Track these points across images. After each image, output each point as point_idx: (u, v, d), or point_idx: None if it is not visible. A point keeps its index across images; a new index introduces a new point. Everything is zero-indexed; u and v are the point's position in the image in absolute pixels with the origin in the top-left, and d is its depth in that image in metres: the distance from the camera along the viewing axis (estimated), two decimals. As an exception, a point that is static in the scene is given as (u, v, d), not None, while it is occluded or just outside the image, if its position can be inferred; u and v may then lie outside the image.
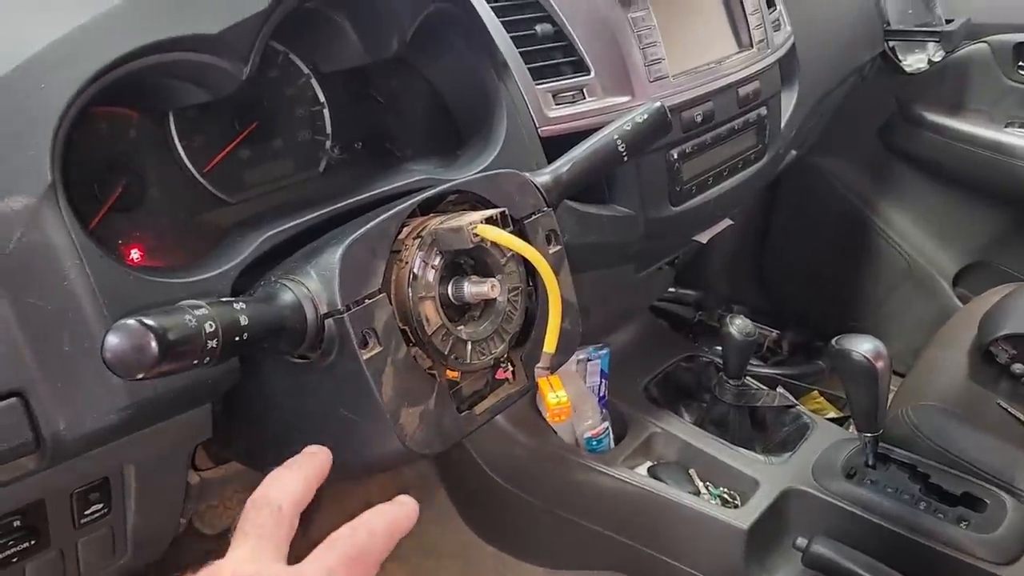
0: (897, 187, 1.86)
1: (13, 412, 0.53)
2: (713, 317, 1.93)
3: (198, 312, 0.49)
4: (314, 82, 0.82)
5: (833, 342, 1.06)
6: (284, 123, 0.81)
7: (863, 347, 1.03)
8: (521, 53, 0.89)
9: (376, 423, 0.60)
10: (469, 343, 0.64)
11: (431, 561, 1.40)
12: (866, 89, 1.70)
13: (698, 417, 1.34)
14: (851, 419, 1.45)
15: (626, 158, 0.77)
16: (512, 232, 0.64)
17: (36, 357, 0.54)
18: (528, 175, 0.73)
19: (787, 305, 2.01)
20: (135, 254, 0.70)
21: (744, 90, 1.10)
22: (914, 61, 1.70)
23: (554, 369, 0.67)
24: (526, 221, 0.71)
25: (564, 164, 0.76)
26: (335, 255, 0.58)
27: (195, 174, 0.73)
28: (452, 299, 0.64)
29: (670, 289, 1.90)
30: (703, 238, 1.23)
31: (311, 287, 0.58)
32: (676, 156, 1.02)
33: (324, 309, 0.57)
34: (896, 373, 1.16)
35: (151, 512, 0.72)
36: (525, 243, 0.63)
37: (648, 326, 1.53)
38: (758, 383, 1.35)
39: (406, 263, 0.62)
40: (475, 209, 0.68)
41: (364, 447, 0.62)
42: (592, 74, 0.94)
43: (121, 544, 0.72)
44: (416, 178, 0.76)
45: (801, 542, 1.06)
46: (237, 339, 0.51)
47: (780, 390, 1.36)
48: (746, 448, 1.25)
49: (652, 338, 1.50)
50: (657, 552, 1.18)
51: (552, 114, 0.89)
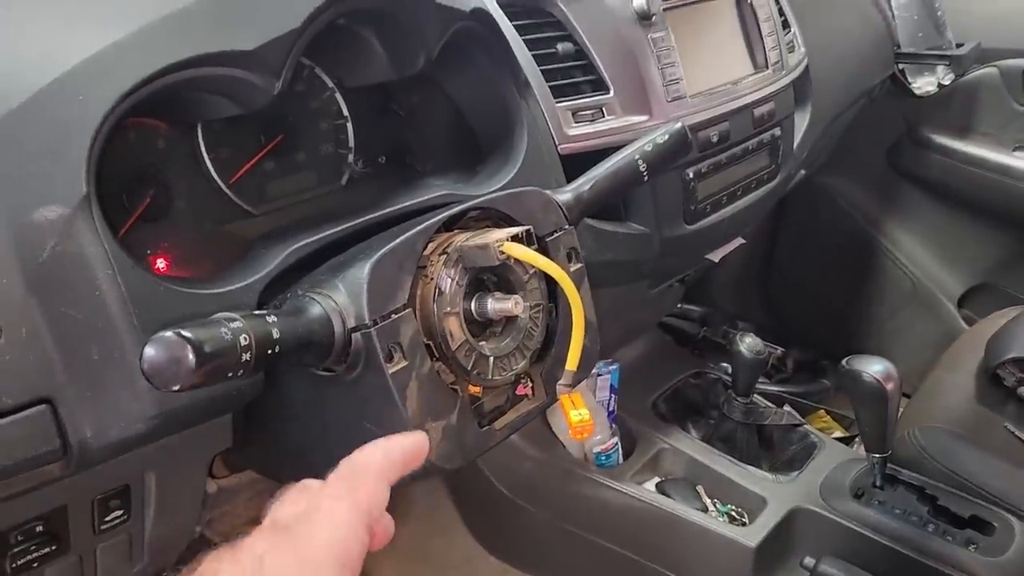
0: (904, 208, 1.87)
1: (42, 419, 0.54)
2: (718, 333, 1.93)
3: (233, 325, 0.49)
4: (338, 96, 0.83)
5: (844, 363, 1.07)
6: (308, 136, 0.82)
7: (873, 368, 1.04)
8: (542, 71, 0.90)
9: (399, 437, 0.61)
10: (491, 359, 0.65)
11: (434, 571, 1.40)
12: (875, 110, 1.71)
13: (706, 434, 1.35)
14: (858, 438, 1.45)
15: (647, 178, 0.78)
16: (535, 250, 0.65)
17: (66, 365, 0.54)
18: (550, 193, 0.74)
19: (792, 323, 2.01)
20: (161, 264, 0.70)
21: (759, 111, 1.11)
22: (924, 84, 1.71)
23: (575, 385, 0.68)
24: (548, 239, 0.71)
25: (586, 183, 0.76)
26: (363, 270, 0.59)
27: (221, 185, 0.74)
28: (475, 315, 0.65)
29: (676, 305, 1.90)
30: (715, 256, 1.24)
31: (339, 301, 0.58)
32: (692, 175, 1.03)
33: (352, 323, 0.58)
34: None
35: (169, 519, 0.72)
36: (551, 262, 0.63)
37: (656, 342, 1.54)
38: (765, 401, 1.35)
39: (432, 279, 0.62)
40: (498, 226, 0.69)
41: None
42: (611, 93, 0.95)
43: (138, 550, 0.72)
44: (438, 193, 0.77)
45: (809, 562, 1.07)
46: (269, 352, 0.52)
47: (787, 408, 1.37)
48: (754, 466, 1.25)
49: (660, 354, 1.51)
50: (664, 568, 1.19)
51: (571, 132, 0.90)
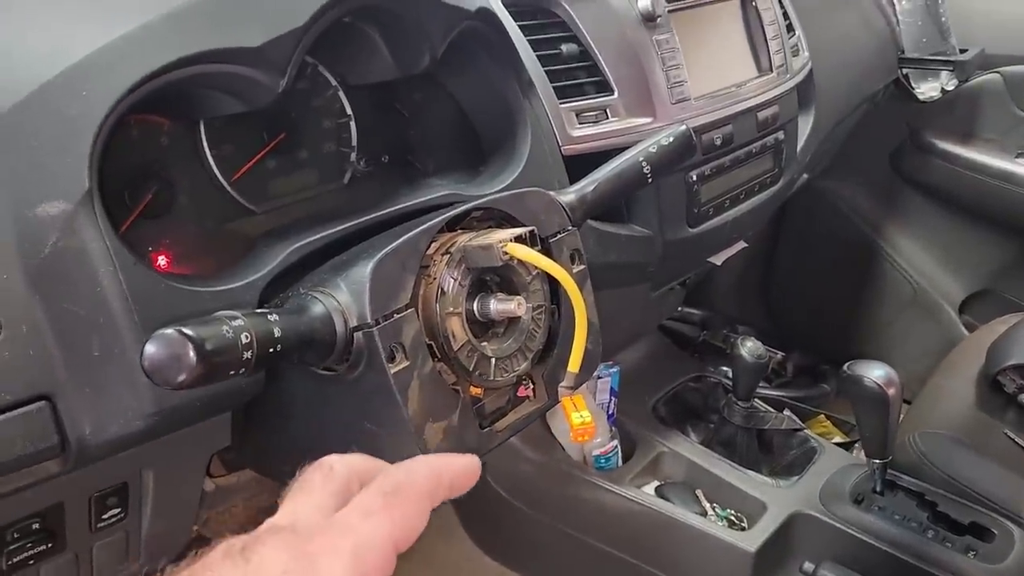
0: (905, 213, 1.87)
1: (40, 416, 0.54)
2: (719, 337, 1.93)
3: (235, 323, 0.49)
4: (342, 94, 0.82)
5: (844, 367, 1.07)
6: (311, 134, 0.81)
7: (875, 373, 1.04)
8: (546, 72, 0.90)
9: (400, 437, 0.60)
10: (493, 360, 0.65)
11: (432, 573, 1.39)
12: (878, 115, 1.71)
13: (706, 437, 1.34)
14: (858, 444, 1.45)
15: (650, 180, 0.78)
16: (539, 251, 0.64)
17: (66, 362, 0.54)
18: (554, 194, 0.74)
19: (792, 327, 2.01)
20: (162, 260, 0.70)
21: (763, 114, 1.11)
22: (927, 89, 1.71)
23: (577, 388, 0.67)
24: (551, 240, 0.71)
25: (589, 184, 0.76)
26: (366, 269, 0.58)
27: (223, 183, 0.74)
28: (478, 316, 0.64)
29: (677, 308, 1.90)
30: (718, 260, 1.23)
31: (341, 300, 0.58)
32: (695, 178, 1.02)
33: (354, 322, 0.58)
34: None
35: (167, 518, 0.72)
36: (555, 263, 0.63)
37: (656, 345, 1.54)
38: (766, 405, 1.35)
39: (434, 279, 0.62)
40: (500, 226, 0.69)
41: (386, 461, 0.62)
42: (615, 94, 0.95)
43: (135, 549, 0.72)
44: (440, 193, 0.76)
45: (808, 567, 1.07)
46: (271, 350, 0.51)
47: (787, 413, 1.36)
48: (753, 470, 1.25)
49: (660, 357, 1.51)
50: (662, 572, 1.18)
51: (575, 133, 0.90)
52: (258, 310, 0.55)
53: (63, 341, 0.54)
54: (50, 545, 0.64)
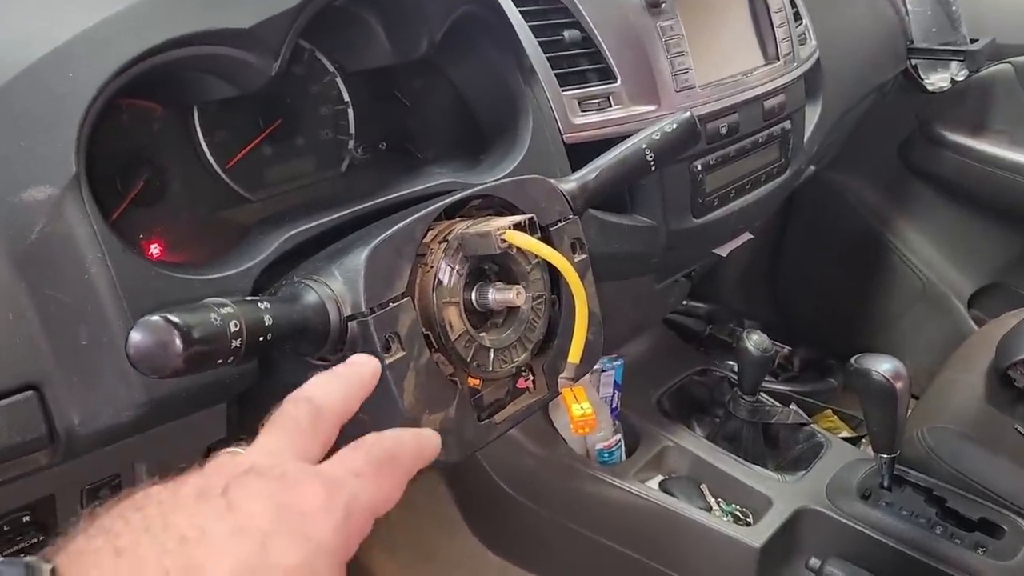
0: (914, 206, 1.85)
1: (28, 405, 0.52)
2: (724, 331, 1.91)
3: (223, 310, 0.48)
4: (339, 81, 0.81)
5: (852, 361, 1.05)
6: (307, 121, 0.80)
7: (883, 367, 1.02)
8: (548, 59, 0.88)
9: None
10: (492, 351, 0.63)
11: (435, 568, 1.39)
12: (887, 106, 1.69)
13: (711, 432, 1.33)
14: (865, 439, 1.43)
15: (654, 168, 0.76)
16: (539, 239, 0.63)
17: (53, 350, 0.53)
18: (554, 182, 0.72)
19: (799, 321, 1.99)
20: (155, 249, 0.69)
21: (769, 103, 1.09)
22: (937, 80, 1.69)
23: (577, 379, 0.66)
24: (552, 228, 0.70)
25: (591, 172, 0.75)
26: (360, 257, 0.57)
27: (217, 170, 0.72)
28: (476, 305, 0.63)
29: (682, 301, 1.88)
30: (723, 251, 1.22)
31: (335, 288, 0.57)
32: (700, 167, 1.01)
33: (348, 311, 0.56)
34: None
35: (160, 511, 0.71)
36: (554, 251, 0.62)
37: (661, 338, 1.52)
38: (772, 400, 1.33)
39: (431, 267, 0.61)
40: (500, 214, 0.67)
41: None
42: (619, 82, 0.93)
43: (128, 542, 0.71)
44: (440, 181, 0.75)
45: (814, 563, 1.05)
46: (261, 339, 0.50)
47: (794, 407, 1.35)
48: (759, 465, 1.23)
49: (665, 351, 1.49)
50: (666, 568, 1.17)
51: (577, 121, 0.88)
52: (248, 298, 0.53)
53: (50, 329, 0.53)
54: (42, 538, 0.63)
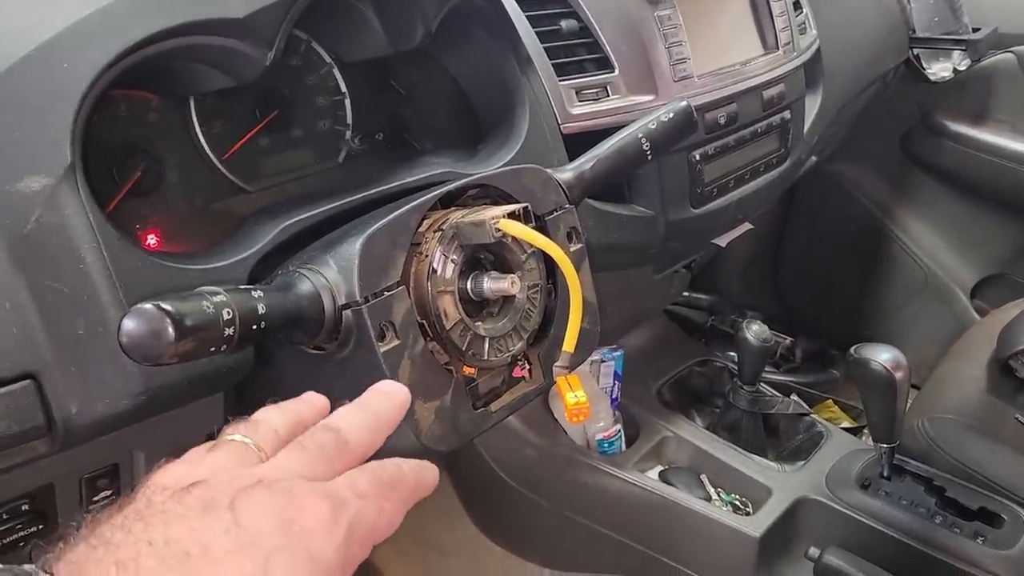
0: (916, 196, 1.84)
1: (26, 394, 0.53)
2: (726, 322, 1.91)
3: (216, 299, 0.48)
4: (336, 71, 0.81)
5: (852, 351, 1.05)
6: (304, 112, 0.80)
7: (882, 356, 1.02)
8: (545, 49, 0.88)
9: (391, 417, 0.59)
10: (487, 339, 0.63)
11: (436, 557, 1.39)
12: (888, 97, 1.68)
13: (711, 422, 1.33)
14: (866, 429, 1.43)
15: (650, 157, 0.76)
16: (533, 228, 0.63)
17: (50, 340, 0.53)
18: (551, 171, 0.72)
19: (801, 312, 1.99)
20: (152, 239, 0.69)
21: (768, 93, 1.09)
22: (939, 70, 1.68)
23: (572, 368, 0.66)
24: (548, 218, 0.70)
25: (588, 161, 0.75)
26: (355, 246, 0.57)
27: (214, 161, 0.73)
28: (471, 294, 0.63)
29: (683, 292, 1.88)
30: (723, 241, 1.22)
31: (330, 277, 0.57)
32: (698, 157, 1.00)
33: (342, 300, 0.57)
34: (911, 385, 1.15)
35: (159, 500, 0.71)
36: (548, 240, 0.62)
37: (662, 329, 1.52)
38: (772, 390, 1.33)
39: (426, 256, 0.61)
40: (496, 204, 0.67)
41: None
42: (616, 72, 0.93)
43: (128, 531, 0.71)
44: (436, 171, 0.75)
45: (814, 552, 1.05)
46: (254, 327, 0.50)
47: (794, 398, 1.35)
48: (759, 455, 1.23)
49: (665, 341, 1.49)
50: (666, 557, 1.17)
51: (575, 111, 0.88)
52: (242, 286, 0.53)
53: (47, 319, 0.53)
54: (41, 527, 0.64)
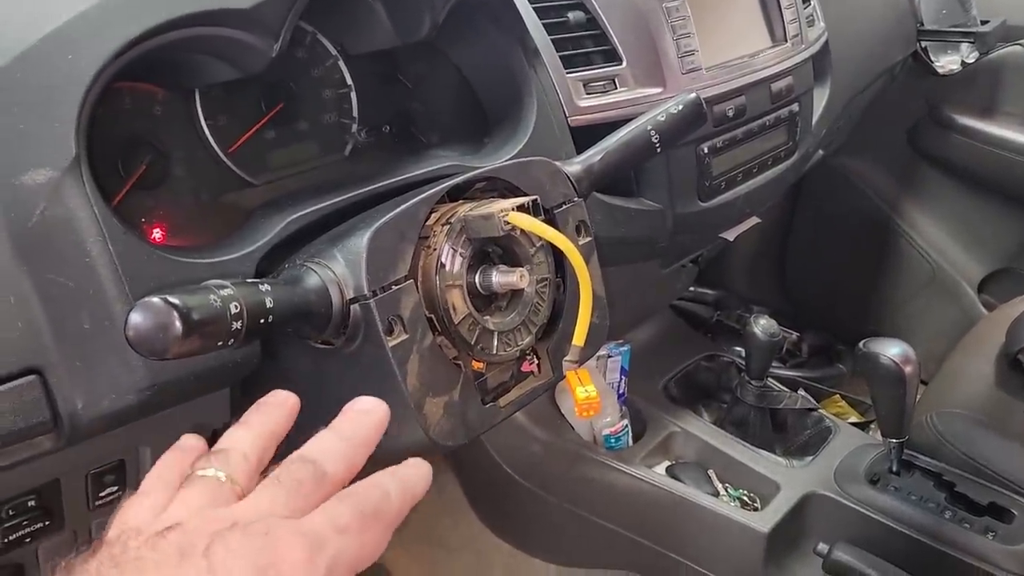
0: (924, 190, 1.83)
1: (31, 389, 0.52)
2: (732, 317, 1.91)
3: (223, 292, 0.47)
4: (342, 64, 0.80)
5: (860, 345, 1.04)
6: (310, 105, 0.79)
7: (891, 351, 1.01)
8: (553, 41, 0.87)
9: (399, 412, 0.58)
10: (496, 334, 0.63)
11: (442, 553, 1.39)
12: (896, 90, 1.67)
13: (718, 417, 1.33)
14: (874, 424, 1.43)
15: (659, 149, 0.75)
16: (542, 221, 0.62)
17: (55, 334, 0.53)
18: (559, 164, 0.72)
19: (808, 307, 1.98)
20: (157, 233, 0.68)
21: (777, 85, 1.08)
22: (947, 62, 1.66)
23: (582, 362, 0.65)
24: (556, 211, 0.69)
25: (596, 154, 0.74)
26: (362, 239, 0.57)
27: (220, 154, 0.72)
28: (480, 288, 0.63)
29: (690, 287, 1.88)
30: (730, 235, 1.21)
31: (337, 271, 0.56)
32: (706, 150, 1.00)
33: (350, 294, 0.56)
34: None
35: (166, 496, 0.71)
36: (558, 233, 0.61)
37: (668, 324, 1.52)
38: (779, 385, 1.32)
39: (434, 250, 0.60)
40: (504, 197, 0.67)
41: (385, 437, 0.61)
42: (624, 64, 0.92)
43: (135, 527, 0.71)
44: (443, 164, 0.75)
45: (822, 548, 1.04)
46: (262, 321, 0.50)
47: (801, 392, 1.34)
48: (766, 450, 1.23)
49: (672, 336, 1.49)
50: (673, 553, 1.17)
51: (583, 104, 0.88)
52: (249, 280, 0.53)
53: (52, 313, 0.52)
54: (47, 523, 0.63)
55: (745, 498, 1.18)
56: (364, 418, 0.45)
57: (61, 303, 0.53)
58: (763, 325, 1.20)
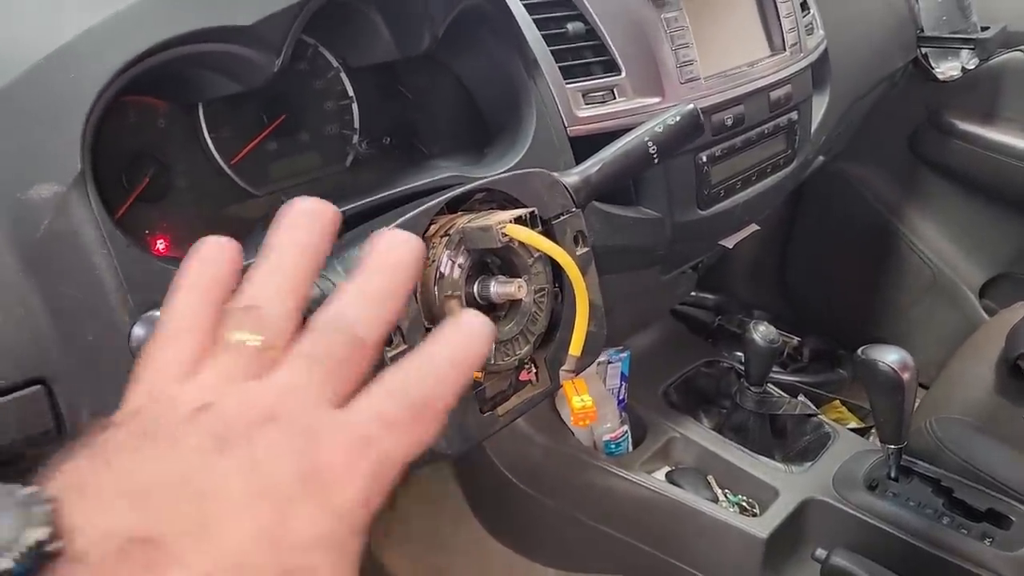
0: (924, 196, 1.83)
1: (36, 399, 0.53)
2: (733, 322, 1.91)
3: (225, 305, 0.48)
4: (343, 76, 0.81)
5: (859, 352, 1.05)
6: (312, 117, 0.80)
7: (889, 357, 1.02)
8: (552, 52, 0.88)
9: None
10: (494, 344, 0.64)
11: (442, 557, 1.39)
12: (896, 96, 1.68)
13: (717, 423, 1.33)
14: (873, 430, 1.43)
15: (657, 160, 0.76)
16: (540, 232, 0.63)
17: (61, 345, 0.53)
18: (557, 175, 0.72)
19: (808, 312, 1.98)
20: (161, 245, 0.69)
21: (775, 94, 1.09)
22: (947, 69, 1.67)
23: (579, 372, 0.66)
24: (554, 222, 0.70)
25: (594, 165, 0.75)
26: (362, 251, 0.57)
27: (223, 166, 0.73)
28: (478, 299, 0.63)
29: (690, 293, 1.88)
30: (729, 243, 1.22)
31: (337, 282, 0.57)
32: (705, 159, 1.00)
33: None
34: (919, 385, 1.15)
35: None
36: (554, 244, 0.62)
37: (668, 330, 1.52)
38: (779, 391, 1.33)
39: (433, 261, 0.61)
40: (503, 208, 0.68)
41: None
42: (623, 74, 0.93)
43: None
44: (443, 175, 0.75)
45: (820, 553, 1.05)
46: (263, 334, 0.50)
47: (801, 398, 1.34)
48: (766, 456, 1.23)
49: (672, 342, 1.49)
50: (672, 558, 1.17)
51: (582, 114, 0.89)
52: (250, 292, 0.54)
53: (58, 324, 0.53)
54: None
55: (744, 503, 1.18)
56: (400, 248, 0.36)
57: (67, 315, 0.54)
58: (762, 332, 1.20)
